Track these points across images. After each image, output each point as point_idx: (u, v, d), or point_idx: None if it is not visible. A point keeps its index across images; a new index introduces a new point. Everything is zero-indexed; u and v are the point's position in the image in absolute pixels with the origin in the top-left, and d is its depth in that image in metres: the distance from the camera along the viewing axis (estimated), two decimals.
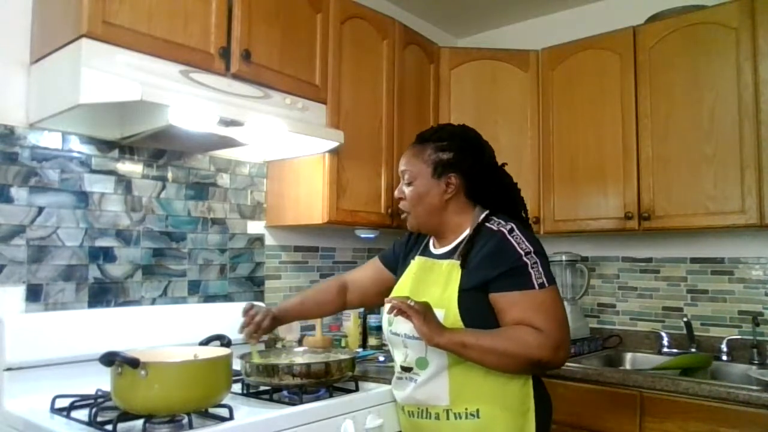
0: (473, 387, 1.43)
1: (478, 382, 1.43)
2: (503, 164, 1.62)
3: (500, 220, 1.48)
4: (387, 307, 1.46)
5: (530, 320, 1.38)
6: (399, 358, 1.55)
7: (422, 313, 1.36)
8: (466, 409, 1.43)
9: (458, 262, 1.47)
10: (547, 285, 1.40)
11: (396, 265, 1.75)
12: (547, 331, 1.37)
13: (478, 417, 1.43)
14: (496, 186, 1.58)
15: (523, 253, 1.41)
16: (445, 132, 1.59)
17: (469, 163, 1.54)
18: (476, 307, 1.43)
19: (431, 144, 1.56)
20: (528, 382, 1.46)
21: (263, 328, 1.67)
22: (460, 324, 1.42)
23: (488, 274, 1.42)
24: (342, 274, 1.96)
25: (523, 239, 1.43)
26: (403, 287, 1.62)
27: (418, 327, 1.36)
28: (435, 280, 1.52)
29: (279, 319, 1.74)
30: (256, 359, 1.73)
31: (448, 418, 1.45)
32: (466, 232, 1.52)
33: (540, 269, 1.41)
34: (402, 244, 1.77)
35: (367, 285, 1.83)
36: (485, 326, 1.42)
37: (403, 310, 1.37)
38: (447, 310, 1.44)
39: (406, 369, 1.52)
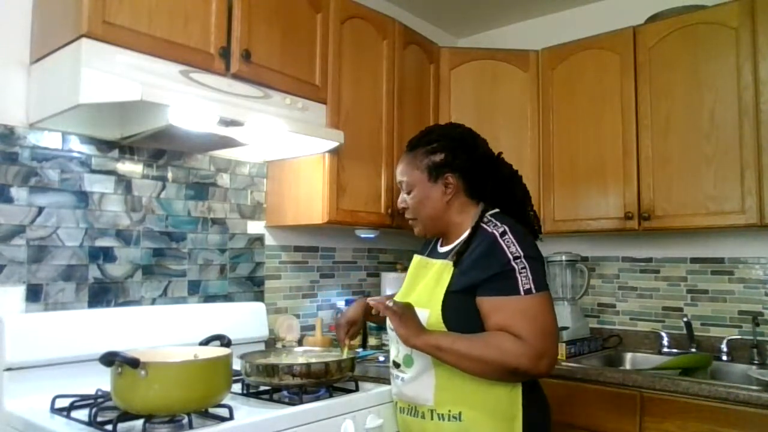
0: (457, 389, 1.42)
1: (462, 384, 1.41)
2: (499, 154, 1.60)
3: (496, 222, 1.46)
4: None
5: (512, 327, 1.35)
6: (393, 352, 1.56)
7: (399, 314, 1.36)
8: (449, 410, 1.42)
9: (451, 263, 1.46)
10: (534, 291, 1.36)
11: None
12: (527, 339, 1.33)
13: (460, 420, 1.41)
14: (494, 178, 1.56)
15: (511, 257, 1.38)
16: (433, 134, 1.58)
17: (463, 160, 1.53)
18: (461, 309, 1.42)
19: (422, 148, 1.56)
20: (516, 388, 1.42)
21: (342, 339, 1.69)
22: (442, 325, 1.41)
23: (477, 277, 1.40)
24: None
25: (515, 243, 1.40)
26: (403, 286, 1.64)
27: (396, 328, 1.37)
28: (426, 280, 1.52)
29: (357, 318, 1.70)
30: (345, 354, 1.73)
31: (432, 418, 1.45)
32: (467, 232, 1.52)
33: (529, 275, 1.37)
34: (421, 244, 1.76)
35: None
36: (468, 329, 1.40)
37: (381, 311, 1.37)
38: (431, 311, 1.43)
39: (396, 365, 1.53)
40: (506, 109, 2.82)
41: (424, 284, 1.52)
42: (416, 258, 1.64)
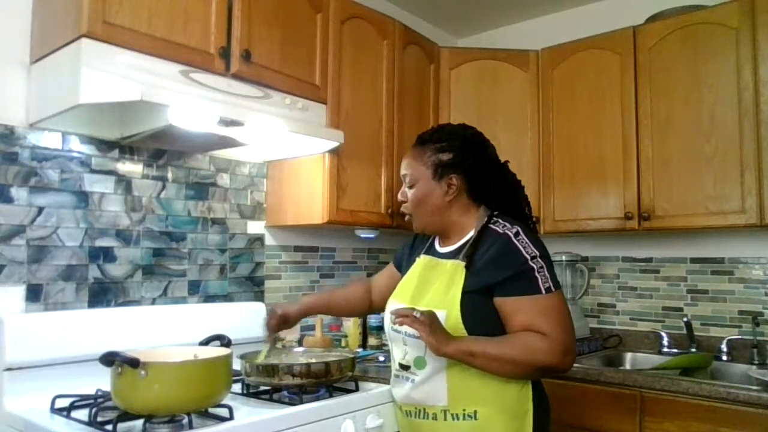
0: (471, 388, 1.43)
1: (476, 383, 1.42)
2: (506, 162, 1.61)
3: (506, 223, 1.47)
4: (391, 316, 1.46)
5: (537, 325, 1.37)
6: (398, 355, 1.55)
7: (428, 324, 1.36)
8: (464, 410, 1.43)
9: (463, 263, 1.47)
10: (553, 290, 1.40)
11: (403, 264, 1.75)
12: (554, 336, 1.36)
13: (475, 419, 1.42)
14: (498, 184, 1.57)
15: (529, 257, 1.40)
16: (444, 132, 1.58)
17: (470, 163, 1.53)
18: (478, 309, 1.43)
19: (431, 145, 1.56)
20: (527, 385, 1.45)
21: (271, 328, 1.73)
22: (460, 326, 1.42)
23: (493, 277, 1.42)
24: (368, 278, 1.97)
25: (529, 243, 1.42)
26: (407, 285, 1.62)
27: (425, 338, 1.36)
28: (439, 280, 1.52)
29: (293, 315, 1.76)
30: (260, 359, 1.73)
31: (445, 419, 1.45)
32: (471, 233, 1.52)
33: (546, 274, 1.41)
34: (409, 242, 1.77)
35: (383, 287, 1.82)
36: (486, 329, 1.41)
37: (407, 324, 1.38)
38: (449, 312, 1.43)
39: (404, 367, 1.52)
40: (506, 109, 2.82)
41: (437, 285, 1.51)
42: (424, 258, 1.62)
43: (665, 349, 2.60)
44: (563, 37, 2.84)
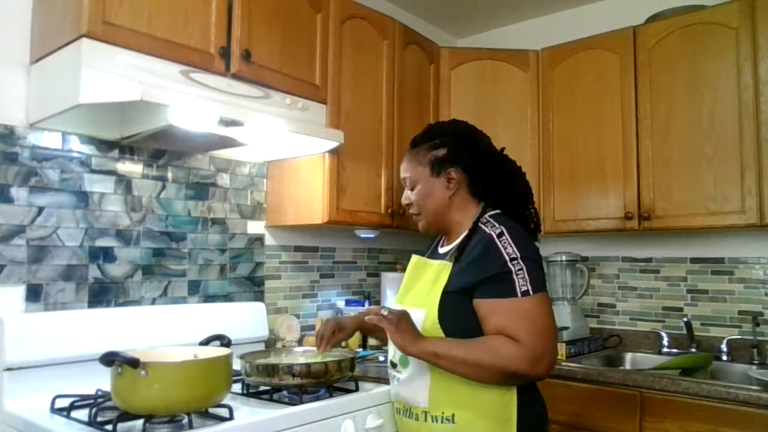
0: (452, 391, 1.41)
1: (457, 386, 1.40)
2: (502, 149, 1.59)
3: (494, 222, 1.45)
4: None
5: (509, 329, 1.34)
6: (390, 352, 1.56)
7: (394, 323, 1.36)
8: (443, 413, 1.42)
9: (450, 263, 1.46)
10: (532, 293, 1.35)
11: None
12: (525, 341, 1.32)
13: (453, 422, 1.40)
14: (497, 174, 1.55)
15: (508, 258, 1.37)
16: (435, 130, 1.59)
17: (465, 155, 1.53)
18: (457, 310, 1.41)
19: (424, 145, 1.56)
20: (511, 390, 1.40)
21: (326, 336, 1.67)
22: (437, 325, 1.41)
23: (473, 278, 1.39)
24: None
25: (511, 244, 1.39)
26: (402, 286, 1.63)
27: (391, 337, 1.37)
28: (424, 280, 1.52)
29: (349, 324, 1.71)
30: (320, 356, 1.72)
31: (426, 420, 1.44)
32: (465, 232, 1.52)
33: (526, 276, 1.36)
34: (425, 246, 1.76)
35: None
36: (464, 330, 1.39)
37: (374, 322, 1.38)
38: (428, 311, 1.43)
39: (393, 365, 1.53)
40: (506, 109, 2.82)
41: (422, 284, 1.52)
42: (414, 258, 1.64)
43: (665, 349, 2.60)
44: (563, 37, 2.84)
